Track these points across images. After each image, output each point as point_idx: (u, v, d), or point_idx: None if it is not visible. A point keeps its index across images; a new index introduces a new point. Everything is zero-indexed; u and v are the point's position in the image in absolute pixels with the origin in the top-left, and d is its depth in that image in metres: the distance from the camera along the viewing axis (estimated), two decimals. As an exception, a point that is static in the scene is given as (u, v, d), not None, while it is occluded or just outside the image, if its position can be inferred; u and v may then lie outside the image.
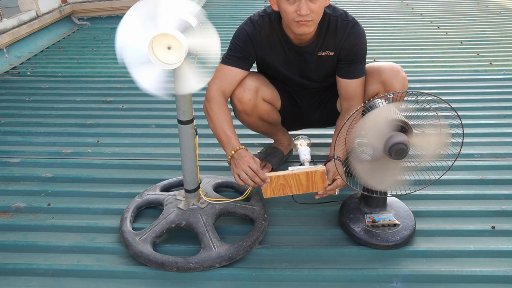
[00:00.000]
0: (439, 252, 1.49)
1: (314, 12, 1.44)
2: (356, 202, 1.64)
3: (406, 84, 1.68)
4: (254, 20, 1.61)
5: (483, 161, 2.00)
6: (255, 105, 1.68)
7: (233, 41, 1.62)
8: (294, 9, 1.43)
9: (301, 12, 1.42)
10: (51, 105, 2.73)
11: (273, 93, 1.76)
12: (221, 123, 1.57)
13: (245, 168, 1.43)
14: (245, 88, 1.64)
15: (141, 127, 2.44)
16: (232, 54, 1.62)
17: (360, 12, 4.68)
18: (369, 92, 1.69)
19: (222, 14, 4.74)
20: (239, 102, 1.66)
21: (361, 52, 1.62)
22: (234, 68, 1.62)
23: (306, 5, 1.42)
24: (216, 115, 1.58)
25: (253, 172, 1.43)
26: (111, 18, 4.77)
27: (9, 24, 3.70)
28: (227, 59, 1.62)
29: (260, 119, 1.76)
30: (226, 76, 1.62)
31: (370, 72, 1.68)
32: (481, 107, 2.51)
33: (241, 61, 1.62)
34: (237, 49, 1.61)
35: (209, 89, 1.62)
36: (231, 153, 1.51)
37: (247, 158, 1.45)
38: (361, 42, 1.60)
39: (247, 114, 1.71)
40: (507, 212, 1.68)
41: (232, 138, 1.54)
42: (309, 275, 1.42)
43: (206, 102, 1.62)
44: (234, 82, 1.63)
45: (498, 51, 3.40)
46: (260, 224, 1.56)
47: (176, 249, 1.54)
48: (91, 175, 2.00)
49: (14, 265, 1.50)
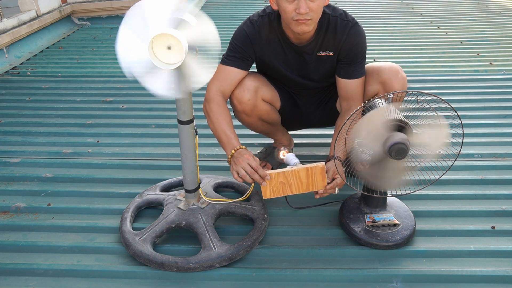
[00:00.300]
0: (439, 252, 1.49)
1: (313, 11, 1.45)
2: (356, 202, 1.64)
3: (405, 84, 1.68)
4: (254, 20, 1.61)
5: (483, 161, 2.00)
6: (255, 105, 1.68)
7: (233, 41, 1.62)
8: (293, 8, 1.44)
9: (300, 10, 1.42)
10: (51, 105, 2.73)
11: (272, 93, 1.76)
12: (221, 124, 1.57)
13: (244, 165, 1.44)
14: (245, 88, 1.64)
15: (141, 127, 2.44)
16: (231, 54, 1.62)
17: (360, 12, 4.68)
18: (368, 92, 1.69)
19: (222, 14, 4.74)
20: (239, 102, 1.66)
21: (361, 52, 1.62)
22: (234, 68, 1.62)
23: (305, 4, 1.42)
24: (215, 115, 1.58)
25: (252, 169, 1.43)
26: (111, 18, 4.77)
27: (9, 24, 3.70)
28: (226, 59, 1.62)
29: (259, 119, 1.76)
30: (225, 77, 1.62)
31: (370, 72, 1.68)
32: (481, 107, 2.51)
33: (240, 61, 1.62)
34: (236, 49, 1.61)
35: (208, 89, 1.62)
36: (231, 152, 1.51)
37: (247, 156, 1.46)
38: (361, 42, 1.60)
39: (246, 114, 1.71)
40: (507, 212, 1.68)
41: (232, 138, 1.55)
42: (309, 275, 1.42)
43: (205, 102, 1.62)
44: (234, 82, 1.63)
45: (498, 51, 3.40)
46: (260, 224, 1.56)
47: (176, 249, 1.54)
48: (91, 175, 2.00)
49: (14, 265, 1.50)
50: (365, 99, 1.70)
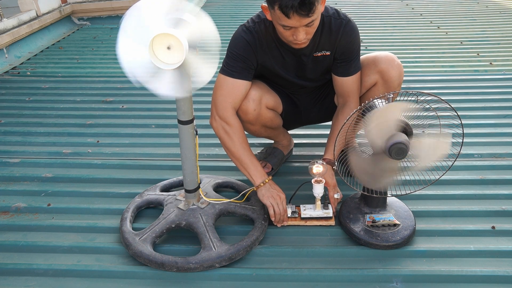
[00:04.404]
0: (439, 252, 1.49)
1: (310, 34, 1.45)
2: (356, 202, 1.64)
3: (402, 71, 1.69)
4: (250, 27, 1.57)
5: (483, 161, 2.00)
6: (259, 114, 1.67)
7: (233, 50, 1.57)
8: (291, 34, 1.43)
9: (298, 39, 1.42)
10: (51, 105, 2.73)
11: (275, 99, 1.76)
12: (245, 149, 1.61)
13: (280, 204, 1.57)
14: (250, 99, 1.63)
15: (141, 127, 2.44)
16: (234, 64, 1.57)
17: (360, 12, 4.68)
18: (366, 83, 1.70)
19: (222, 14, 4.74)
20: (244, 114, 1.65)
21: (356, 48, 1.63)
22: (242, 81, 1.58)
23: (303, 32, 1.41)
24: (240, 140, 1.60)
25: (284, 211, 1.58)
26: (111, 18, 4.77)
27: (9, 24, 3.70)
28: (231, 71, 1.57)
29: (263, 126, 1.76)
30: (236, 92, 1.59)
31: (366, 64, 1.70)
32: (481, 107, 2.51)
33: (246, 72, 1.58)
34: (239, 58, 1.57)
35: (222, 107, 1.59)
36: (264, 181, 1.59)
37: (282, 195, 1.59)
38: (356, 39, 1.61)
39: (251, 124, 1.70)
40: (507, 212, 1.68)
41: (260, 166, 1.62)
42: (309, 275, 1.42)
43: (221, 122, 1.60)
44: (243, 96, 1.61)
45: (498, 51, 3.40)
46: (260, 224, 1.56)
47: (176, 249, 1.54)
48: (91, 175, 2.00)
49: (14, 265, 1.49)
50: (363, 90, 1.72)
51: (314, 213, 1.60)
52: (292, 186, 1.75)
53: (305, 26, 1.39)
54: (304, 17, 1.35)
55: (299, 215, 1.62)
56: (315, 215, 1.60)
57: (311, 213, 1.60)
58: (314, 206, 1.62)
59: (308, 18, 1.36)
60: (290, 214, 1.62)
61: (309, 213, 1.61)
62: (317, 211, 1.60)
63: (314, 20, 1.39)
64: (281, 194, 1.59)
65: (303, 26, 1.39)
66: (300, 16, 1.34)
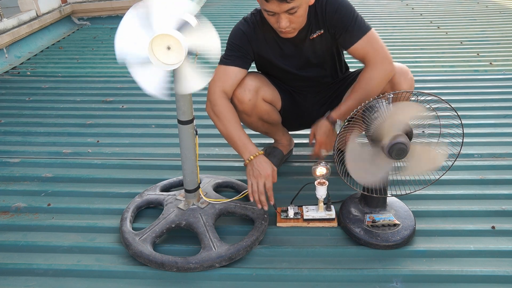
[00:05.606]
0: (439, 252, 1.49)
1: (294, 22, 1.46)
2: (356, 202, 1.64)
3: (413, 86, 1.69)
4: (248, 18, 1.63)
5: (483, 161, 2.00)
6: (255, 105, 1.68)
7: (230, 41, 1.63)
8: (275, 21, 1.46)
9: (281, 25, 1.45)
10: (51, 105, 2.73)
11: (273, 94, 1.76)
12: (233, 126, 1.60)
13: (260, 182, 1.52)
14: (245, 88, 1.64)
15: (141, 127, 2.44)
16: (230, 53, 1.62)
17: (360, 12, 4.66)
18: None
19: (222, 14, 4.73)
20: (240, 103, 1.66)
21: (346, 14, 1.58)
22: (234, 67, 1.62)
23: (286, 19, 1.43)
24: (226, 118, 1.59)
25: (263, 190, 1.52)
26: (111, 18, 4.77)
27: (9, 24, 3.70)
28: (225, 59, 1.62)
29: (260, 119, 1.76)
30: (226, 77, 1.62)
31: None
32: (481, 107, 2.51)
33: (240, 60, 1.62)
34: (234, 48, 1.61)
35: (211, 91, 1.62)
36: (249, 157, 1.56)
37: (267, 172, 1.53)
38: (341, 6, 1.57)
39: (247, 114, 1.71)
40: (507, 212, 1.67)
41: (247, 142, 1.59)
42: (309, 275, 1.42)
43: (210, 105, 1.62)
44: (235, 81, 1.63)
45: (498, 51, 3.40)
46: (260, 224, 1.56)
47: (176, 249, 1.53)
48: (91, 175, 2.00)
49: (14, 265, 1.49)
50: None
51: (317, 214, 1.60)
52: (292, 186, 1.75)
53: (287, 14, 1.42)
54: (283, 2, 1.38)
55: (301, 216, 1.62)
56: (317, 217, 1.60)
57: (313, 214, 1.60)
58: (316, 207, 1.62)
59: (287, 4, 1.39)
60: (292, 215, 1.62)
61: (311, 214, 1.60)
62: (320, 213, 1.60)
63: (296, 8, 1.41)
64: (265, 171, 1.52)
65: (285, 13, 1.42)
66: (278, 0, 1.38)
